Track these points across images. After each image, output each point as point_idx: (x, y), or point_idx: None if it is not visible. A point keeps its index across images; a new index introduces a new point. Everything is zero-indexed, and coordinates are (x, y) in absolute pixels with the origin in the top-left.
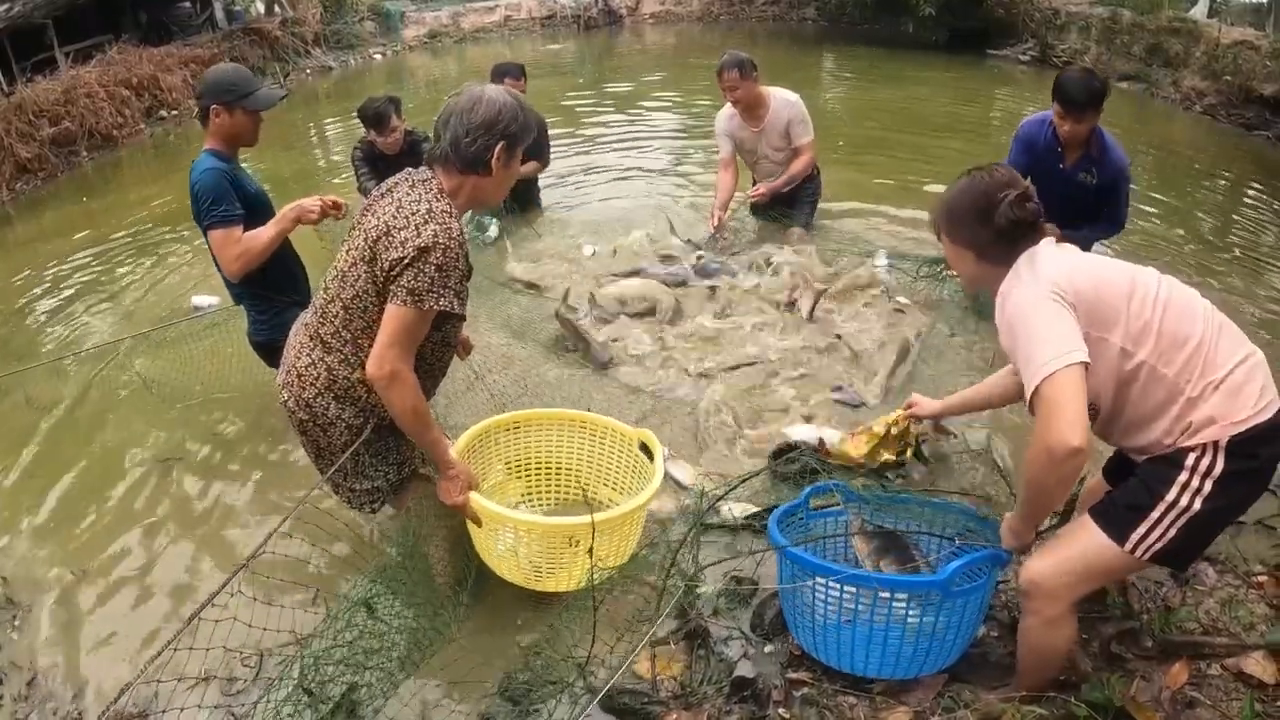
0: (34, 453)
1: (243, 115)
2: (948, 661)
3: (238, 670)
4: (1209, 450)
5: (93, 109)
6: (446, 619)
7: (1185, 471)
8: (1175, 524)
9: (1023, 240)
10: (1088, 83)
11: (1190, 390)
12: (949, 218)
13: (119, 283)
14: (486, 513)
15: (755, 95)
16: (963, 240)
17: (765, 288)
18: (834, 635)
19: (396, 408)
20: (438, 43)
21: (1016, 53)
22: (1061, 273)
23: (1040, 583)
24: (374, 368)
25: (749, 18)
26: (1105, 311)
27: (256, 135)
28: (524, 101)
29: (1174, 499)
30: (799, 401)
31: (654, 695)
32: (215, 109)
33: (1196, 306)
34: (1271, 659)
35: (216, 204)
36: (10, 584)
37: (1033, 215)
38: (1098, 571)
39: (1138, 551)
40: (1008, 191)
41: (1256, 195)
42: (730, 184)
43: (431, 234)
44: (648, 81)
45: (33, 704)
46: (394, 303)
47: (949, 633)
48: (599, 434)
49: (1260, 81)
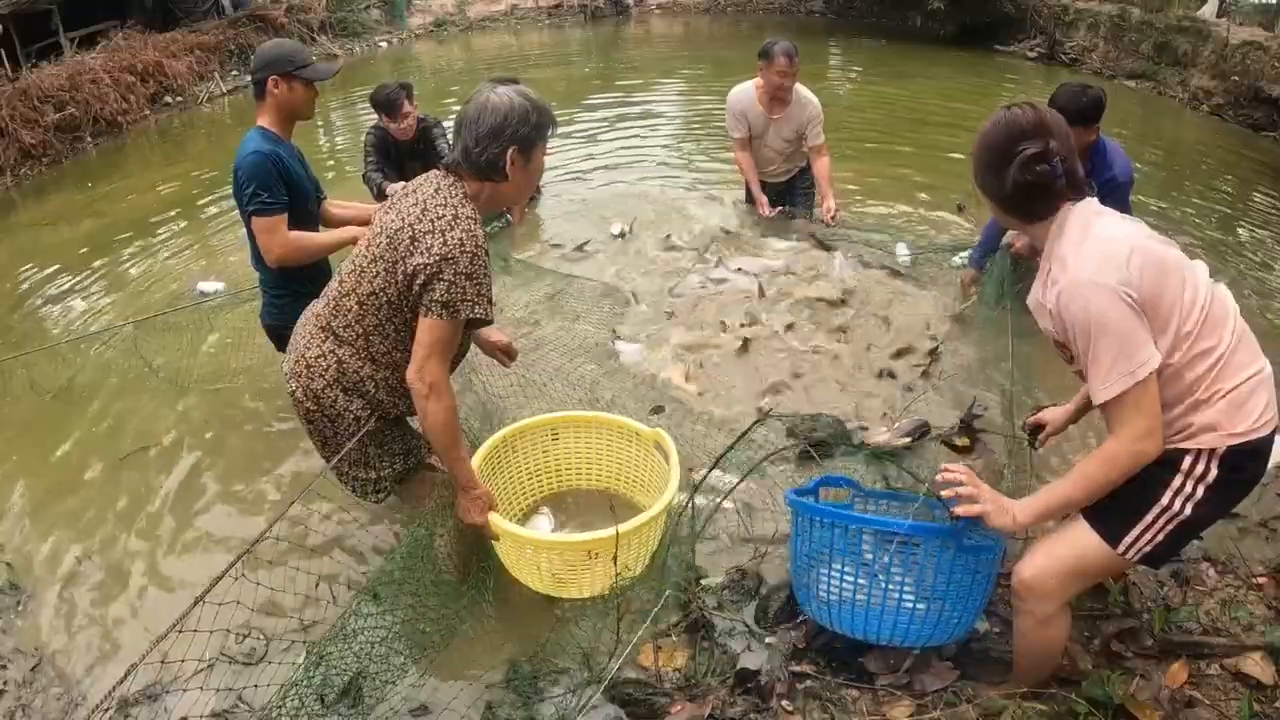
0: (38, 437)
1: (300, 87)
2: (959, 631)
3: (243, 654)
4: (1204, 456)
5: (98, 95)
6: (454, 610)
7: (1180, 475)
8: (1165, 528)
9: (1039, 203)
10: (1077, 98)
11: (1200, 393)
12: (973, 159)
13: (123, 268)
14: (507, 534)
15: (794, 86)
16: (983, 188)
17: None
18: (850, 603)
19: (431, 419)
20: (444, 31)
21: (1024, 49)
22: (1132, 265)
23: (1034, 584)
24: (415, 379)
25: (756, 9)
26: (1159, 319)
27: (313, 108)
28: (534, 97)
29: (1167, 503)
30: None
31: (659, 687)
32: (274, 80)
33: (1230, 313)
34: (1270, 660)
35: (260, 191)
36: (15, 569)
37: (1044, 179)
38: (1090, 571)
39: (1128, 554)
40: (1024, 146)
41: (1263, 196)
42: (753, 163)
43: (457, 240)
44: (654, 71)
45: (37, 689)
46: (429, 316)
47: (958, 598)
48: (615, 434)
49: (1269, 82)
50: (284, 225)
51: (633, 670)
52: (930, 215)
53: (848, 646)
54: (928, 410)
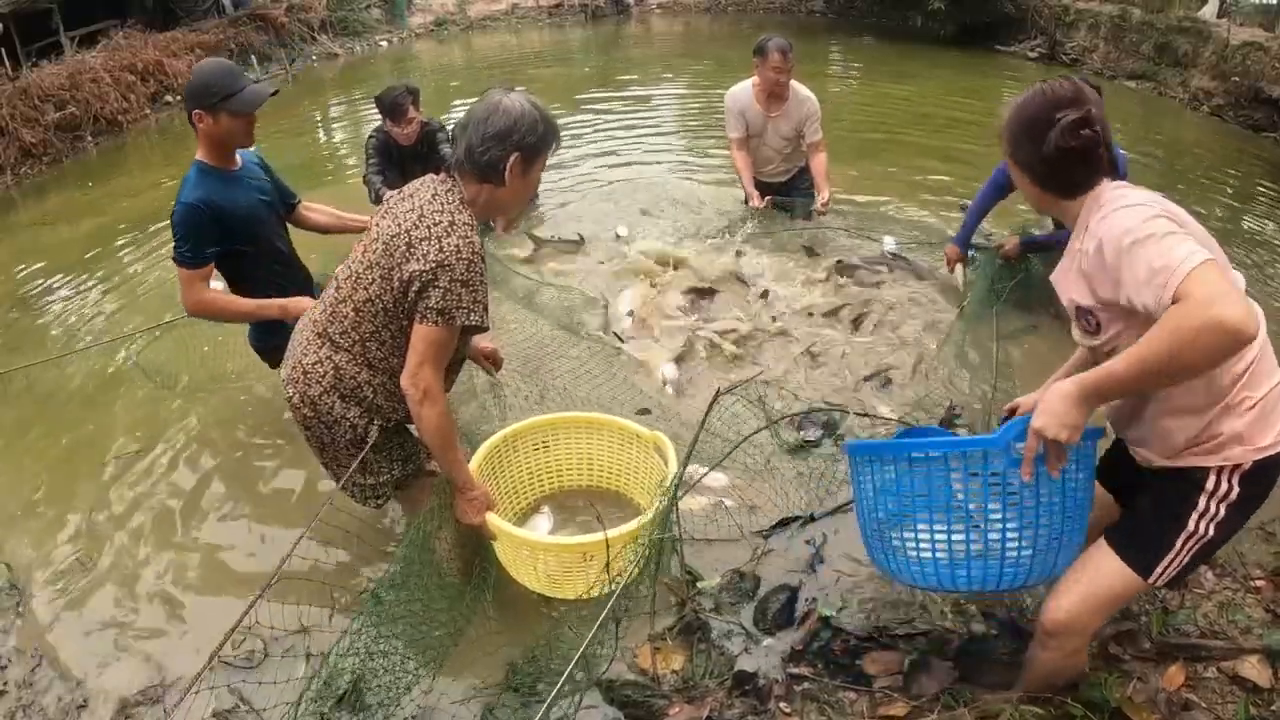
0: (37, 439)
1: (227, 119)
2: (1056, 569)
3: (241, 658)
4: (1226, 475)
5: (98, 94)
6: (456, 614)
7: (1204, 497)
8: (1191, 552)
9: (1080, 173)
10: None
11: (1231, 398)
12: (1007, 130)
13: (123, 267)
14: (504, 534)
15: (790, 82)
16: (1020, 160)
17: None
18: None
19: (425, 424)
20: (444, 30)
21: (1025, 49)
22: (1169, 208)
23: (1069, 624)
24: (409, 385)
25: (757, 8)
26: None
27: (250, 137)
28: (543, 107)
29: (1194, 529)
30: None
31: (657, 689)
32: (198, 114)
33: (1260, 320)
34: (1267, 663)
35: (183, 242)
36: (14, 569)
37: (1087, 145)
38: (1120, 602)
39: (1160, 581)
40: (1066, 112)
41: (1263, 196)
42: (749, 161)
43: (454, 247)
44: (654, 70)
45: (36, 690)
46: (424, 323)
47: (1042, 523)
48: (615, 436)
49: (1269, 83)
50: (199, 281)
51: (631, 672)
52: (931, 216)
53: (846, 649)
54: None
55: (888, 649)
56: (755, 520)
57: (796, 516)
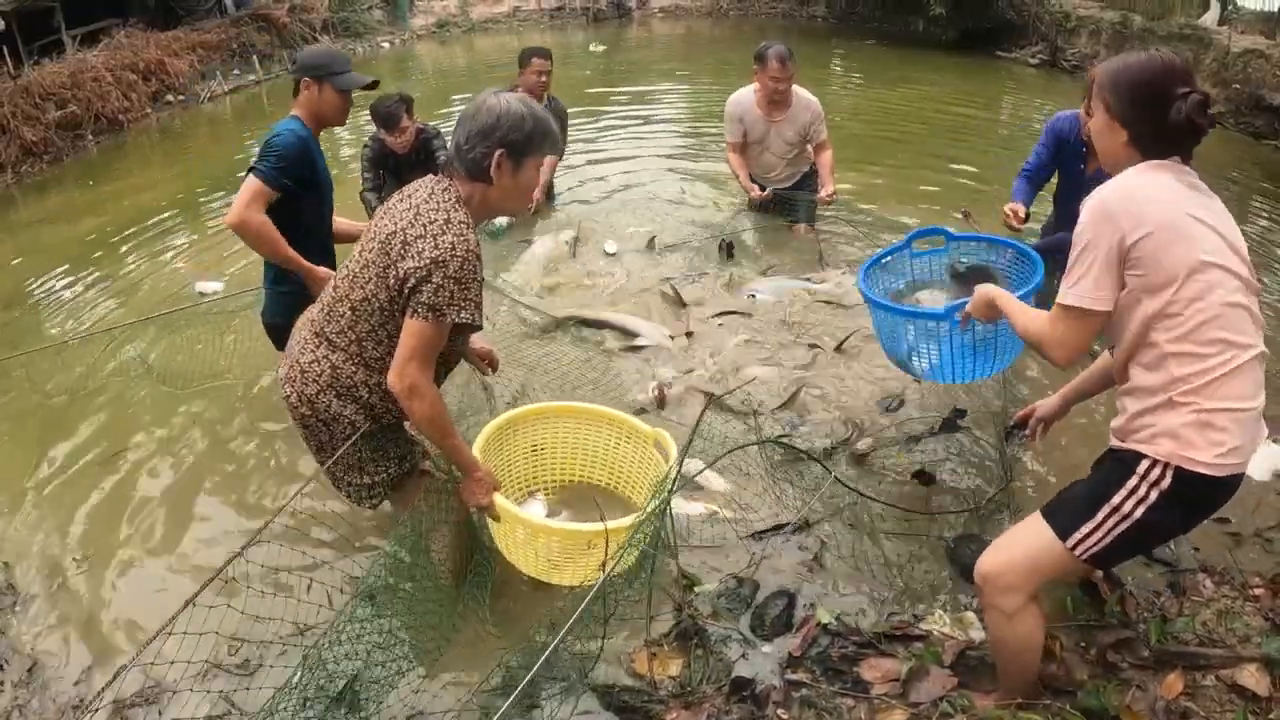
0: (36, 437)
1: (331, 92)
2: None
3: (236, 659)
4: (1160, 465)
5: (99, 93)
6: (451, 614)
7: (1136, 478)
8: (1115, 529)
9: (1188, 144)
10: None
11: (1176, 394)
12: (1115, 86)
13: (123, 266)
14: (509, 515)
15: (792, 89)
16: (1122, 116)
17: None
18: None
19: (416, 417)
20: (446, 32)
21: (1026, 55)
22: (1148, 212)
23: (992, 576)
24: (395, 380)
25: (758, 13)
26: (1161, 273)
27: (344, 116)
28: (535, 107)
29: (1118, 503)
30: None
31: (654, 694)
32: (306, 82)
33: (1246, 331)
34: (1266, 671)
35: (270, 159)
36: (11, 569)
37: (1206, 127)
38: (1044, 567)
39: (1077, 550)
40: (1188, 90)
41: (1264, 203)
42: (743, 161)
43: (449, 245)
44: (656, 74)
45: (33, 690)
46: (414, 318)
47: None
48: (617, 430)
49: (1270, 90)
50: (260, 199)
51: (628, 677)
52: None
53: (843, 656)
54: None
55: (886, 656)
56: (752, 526)
57: (789, 523)
